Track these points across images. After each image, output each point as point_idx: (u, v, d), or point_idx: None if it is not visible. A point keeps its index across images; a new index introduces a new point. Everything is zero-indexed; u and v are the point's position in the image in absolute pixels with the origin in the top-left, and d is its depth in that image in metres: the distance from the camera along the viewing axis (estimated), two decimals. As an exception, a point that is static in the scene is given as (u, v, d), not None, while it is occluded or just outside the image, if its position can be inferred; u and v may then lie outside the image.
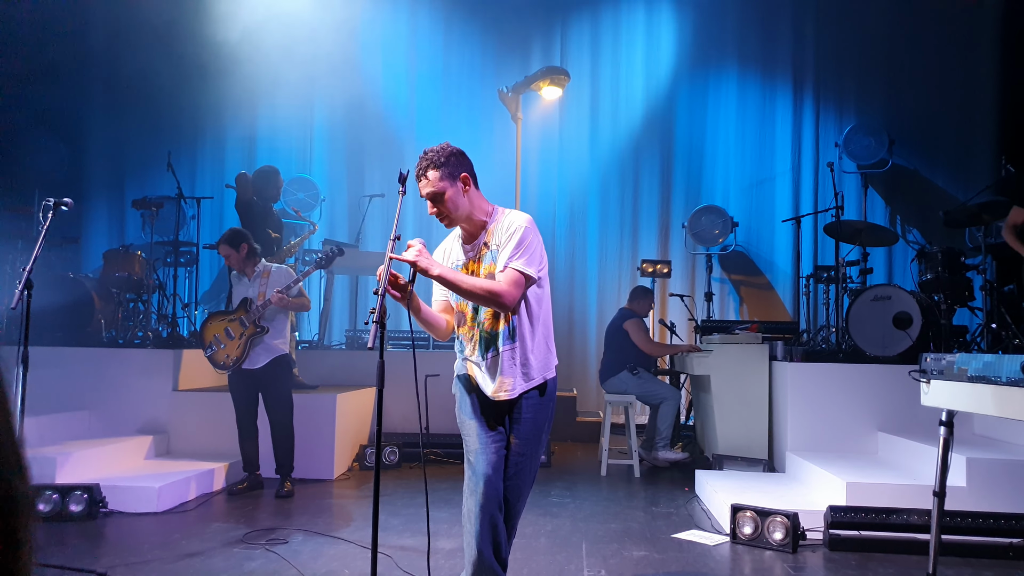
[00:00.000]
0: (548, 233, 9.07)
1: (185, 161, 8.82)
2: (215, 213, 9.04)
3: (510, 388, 2.64)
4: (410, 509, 4.70)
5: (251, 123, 9.16)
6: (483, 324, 2.67)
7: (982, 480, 4.13)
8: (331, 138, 9.28)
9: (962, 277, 5.93)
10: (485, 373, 2.68)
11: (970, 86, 8.22)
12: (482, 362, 2.67)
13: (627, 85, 9.12)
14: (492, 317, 2.67)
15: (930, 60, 8.29)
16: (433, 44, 8.78)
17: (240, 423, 5.14)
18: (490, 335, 2.66)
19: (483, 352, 2.66)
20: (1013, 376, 2.44)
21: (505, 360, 2.63)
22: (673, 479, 5.82)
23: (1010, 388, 2.48)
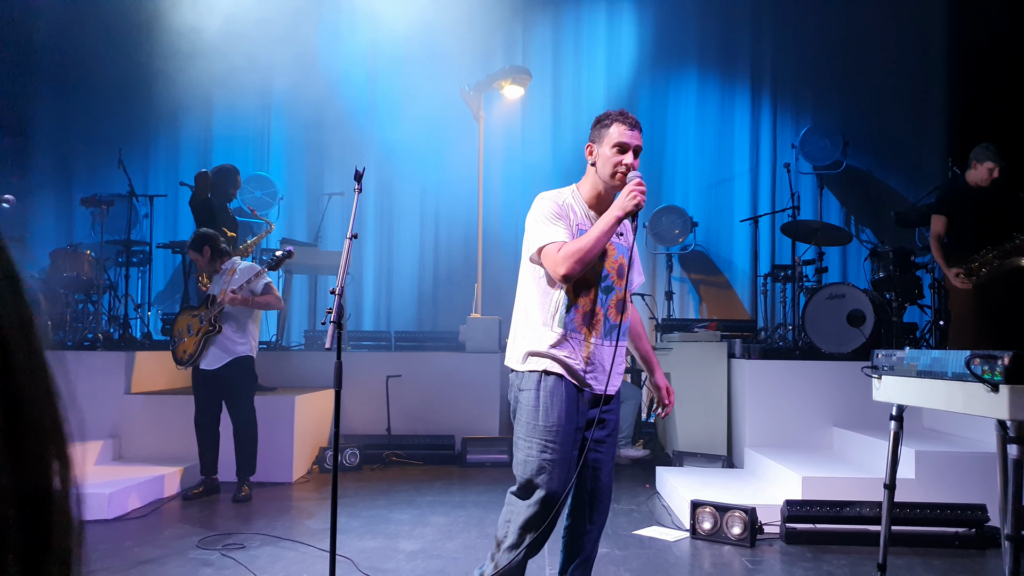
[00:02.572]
0: (511, 231, 9.07)
1: (138, 158, 8.63)
2: (169, 212, 8.88)
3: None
4: (371, 511, 4.66)
5: (207, 119, 9.00)
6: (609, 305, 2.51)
7: (930, 472, 4.24)
8: (289, 135, 9.17)
9: (912, 276, 6.09)
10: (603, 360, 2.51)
11: (921, 91, 8.44)
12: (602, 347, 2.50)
13: (589, 85, 9.17)
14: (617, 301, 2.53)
15: (883, 65, 8.48)
16: (393, 42, 8.72)
17: (199, 425, 5.04)
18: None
19: (606, 336, 2.50)
20: (958, 371, 2.50)
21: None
22: (635, 476, 5.87)
23: (955, 383, 2.55)
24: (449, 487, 5.40)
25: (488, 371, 6.75)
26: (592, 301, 2.46)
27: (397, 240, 9.16)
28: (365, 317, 9.05)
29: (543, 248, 2.42)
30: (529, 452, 2.40)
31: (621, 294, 2.52)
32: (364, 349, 7.46)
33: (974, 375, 2.42)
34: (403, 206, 9.14)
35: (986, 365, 2.38)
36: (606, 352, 2.49)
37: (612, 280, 2.50)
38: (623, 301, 2.53)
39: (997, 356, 2.35)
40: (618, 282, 2.52)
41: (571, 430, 2.43)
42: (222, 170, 6.09)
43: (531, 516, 2.39)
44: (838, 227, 6.84)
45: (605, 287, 2.49)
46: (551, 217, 2.46)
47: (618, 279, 2.52)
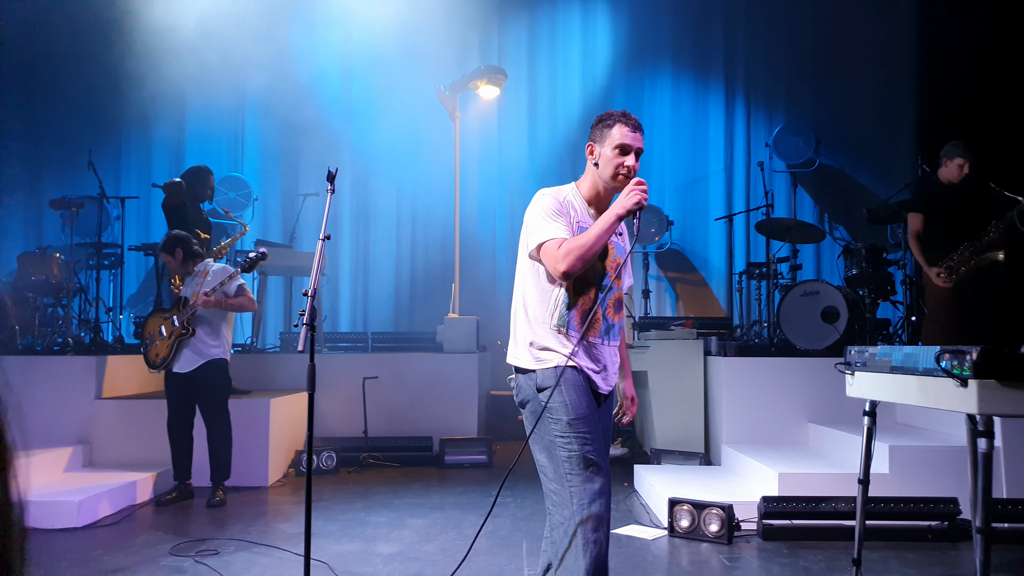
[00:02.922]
0: (488, 232, 9.07)
1: (108, 159, 8.51)
2: (141, 214, 8.76)
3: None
4: (348, 514, 4.62)
5: (179, 120, 8.90)
6: (608, 303, 2.48)
7: (903, 466, 4.28)
8: (264, 136, 9.09)
9: (884, 272, 6.16)
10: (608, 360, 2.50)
11: (891, 90, 8.54)
12: (604, 346, 2.48)
13: (564, 85, 9.19)
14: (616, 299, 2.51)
15: (854, 64, 8.58)
16: (369, 42, 8.67)
17: (172, 429, 4.97)
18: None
19: (604, 335, 2.48)
20: (929, 367, 2.53)
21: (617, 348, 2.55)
22: (613, 475, 5.83)
23: (927, 378, 2.57)
24: (427, 489, 5.38)
25: (466, 371, 6.73)
26: (592, 300, 2.43)
27: (373, 241, 9.11)
28: (341, 318, 8.99)
29: (543, 245, 2.39)
30: (571, 449, 2.32)
31: (619, 293, 2.51)
32: (340, 351, 7.41)
33: (944, 370, 2.45)
34: (379, 206, 9.09)
35: (955, 360, 2.41)
36: (605, 351, 2.47)
37: (611, 279, 2.48)
38: (620, 300, 2.53)
39: (966, 351, 2.38)
40: (616, 282, 2.50)
41: (597, 420, 2.40)
42: (193, 171, 6.01)
43: (593, 514, 2.26)
44: (812, 225, 6.91)
45: (605, 286, 2.47)
46: (551, 214, 2.42)
47: (616, 279, 2.50)
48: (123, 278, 7.59)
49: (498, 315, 8.87)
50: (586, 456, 2.30)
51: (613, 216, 2.33)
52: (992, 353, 2.35)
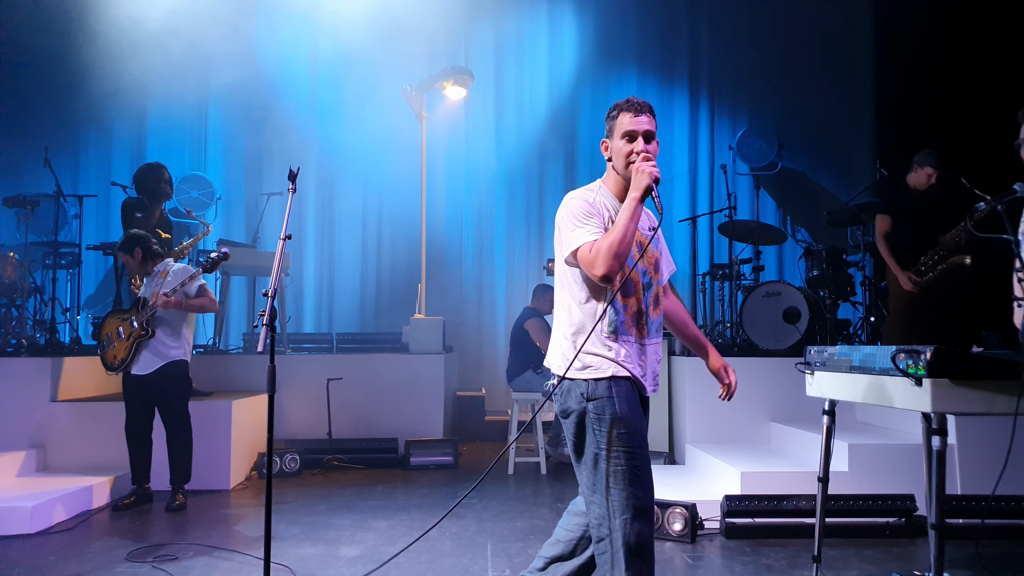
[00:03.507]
0: (455, 233, 9.04)
1: (66, 157, 8.31)
2: (100, 212, 8.58)
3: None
4: (311, 517, 4.57)
5: (140, 117, 8.72)
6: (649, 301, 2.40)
7: (862, 464, 4.36)
8: (228, 134, 8.96)
9: (844, 274, 6.27)
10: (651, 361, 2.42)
11: (850, 95, 8.71)
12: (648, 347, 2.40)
13: (531, 86, 9.22)
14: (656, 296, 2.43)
15: (815, 71, 8.73)
16: (335, 41, 8.59)
17: (130, 432, 4.86)
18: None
19: (650, 335, 2.40)
20: (886, 366, 2.58)
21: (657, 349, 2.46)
22: (578, 475, 5.89)
23: (884, 377, 2.62)
24: (392, 491, 5.34)
25: (432, 372, 6.70)
26: (639, 300, 2.37)
27: (338, 241, 9.03)
28: (306, 319, 8.90)
29: (577, 251, 2.30)
30: (619, 462, 2.24)
31: (658, 288, 2.46)
32: (305, 352, 7.33)
33: (899, 370, 2.49)
34: (344, 206, 9.02)
35: (910, 360, 2.46)
36: (651, 351, 2.41)
37: (650, 275, 2.42)
38: (659, 296, 2.46)
39: (920, 351, 2.43)
40: (655, 276, 2.44)
41: (645, 432, 2.35)
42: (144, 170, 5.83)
43: (638, 531, 2.20)
44: (774, 227, 7.01)
45: (646, 283, 2.40)
46: (582, 216, 2.32)
47: (655, 273, 2.44)
48: (81, 278, 7.41)
49: (465, 316, 8.87)
50: (633, 470, 2.24)
51: (633, 201, 2.25)
52: (945, 353, 2.40)
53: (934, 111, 6.96)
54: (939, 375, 2.40)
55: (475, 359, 8.83)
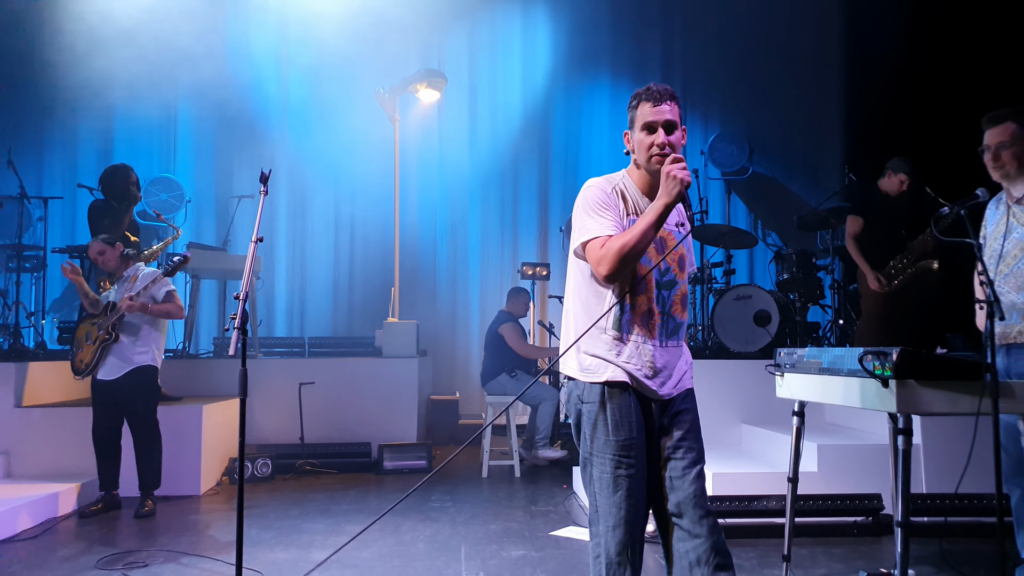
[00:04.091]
0: (429, 236, 9.03)
1: (30, 157, 8.14)
2: (66, 215, 8.42)
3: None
4: (284, 522, 4.53)
5: (107, 118, 8.57)
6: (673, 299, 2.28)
7: (831, 464, 4.43)
8: (197, 136, 8.85)
9: (814, 277, 6.37)
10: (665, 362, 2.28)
11: (819, 101, 8.85)
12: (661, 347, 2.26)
13: (504, 91, 9.24)
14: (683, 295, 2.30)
15: (785, 76, 8.86)
16: (306, 43, 8.54)
17: (98, 438, 4.79)
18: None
19: (667, 336, 2.27)
20: (854, 368, 2.63)
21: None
22: (553, 477, 5.91)
23: (852, 379, 2.67)
24: (365, 495, 5.31)
25: (405, 376, 6.67)
26: (650, 299, 2.22)
27: (311, 244, 8.97)
28: (277, 323, 8.81)
29: (588, 243, 2.18)
30: (603, 469, 2.18)
31: (683, 288, 2.31)
32: (276, 356, 7.27)
33: (866, 371, 2.54)
34: (316, 209, 8.96)
35: (877, 361, 2.51)
36: (667, 353, 2.26)
37: (675, 274, 2.28)
38: (685, 296, 2.32)
39: (887, 352, 2.48)
40: (680, 275, 2.30)
41: (643, 442, 2.22)
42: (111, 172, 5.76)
43: (618, 541, 2.15)
44: (745, 231, 7.10)
45: (667, 282, 2.26)
46: (597, 208, 2.19)
47: (680, 272, 2.30)
48: (46, 282, 7.27)
49: (439, 319, 8.85)
50: (616, 479, 2.17)
51: (660, 207, 2.10)
52: (911, 354, 2.45)
53: (901, 118, 7.11)
54: (905, 376, 2.45)
55: (449, 363, 8.81)
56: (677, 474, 2.21)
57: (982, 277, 2.63)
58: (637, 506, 2.17)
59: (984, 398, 2.44)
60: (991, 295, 2.57)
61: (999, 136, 3.03)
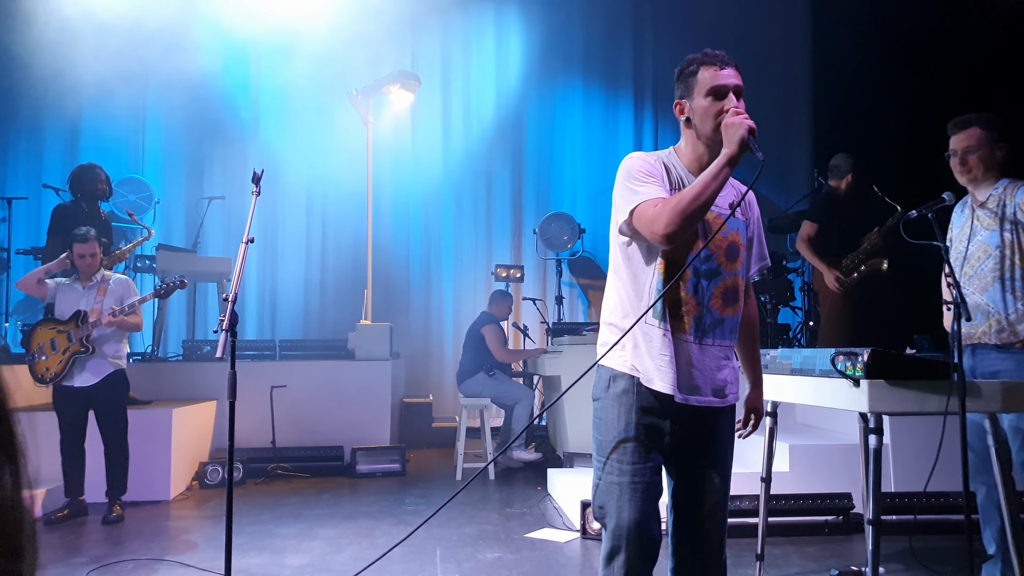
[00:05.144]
0: (403, 238, 8.99)
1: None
2: (31, 215, 8.24)
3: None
4: (255, 527, 4.47)
5: (75, 117, 8.41)
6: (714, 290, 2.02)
7: (803, 464, 4.49)
8: (167, 136, 8.72)
9: (784, 279, 6.46)
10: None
11: (789, 106, 8.99)
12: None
13: (478, 93, 9.24)
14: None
15: (756, 83, 8.90)
16: (278, 44, 8.45)
17: (65, 444, 4.69)
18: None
19: (704, 333, 2.01)
20: (825, 368, 2.67)
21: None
22: (527, 479, 5.91)
23: (823, 379, 2.71)
24: (338, 499, 5.27)
25: (378, 378, 6.63)
26: (680, 287, 1.97)
27: (282, 246, 8.88)
28: (248, 326, 8.71)
29: (635, 209, 1.92)
30: (599, 473, 2.01)
31: (731, 281, 2.02)
32: (247, 359, 7.16)
33: (838, 371, 2.58)
34: (288, 210, 8.88)
35: (848, 362, 2.55)
36: (709, 353, 2.00)
37: (719, 263, 2.00)
38: (735, 290, 2.03)
39: (858, 353, 2.52)
40: (728, 265, 2.02)
41: (648, 446, 1.98)
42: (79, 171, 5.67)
43: (607, 552, 1.98)
44: (717, 233, 7.16)
45: (708, 270, 1.99)
46: (641, 176, 1.96)
47: (728, 261, 2.02)
48: (9, 284, 7.11)
49: (412, 322, 8.82)
50: (608, 486, 1.99)
51: (724, 158, 1.87)
52: (881, 355, 2.50)
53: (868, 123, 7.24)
54: (875, 376, 2.50)
55: (422, 365, 8.78)
56: (695, 493, 2.06)
57: (949, 279, 2.69)
58: (629, 520, 1.95)
59: (952, 397, 2.49)
60: (958, 296, 2.62)
61: (965, 141, 3.10)
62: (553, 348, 6.58)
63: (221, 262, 7.31)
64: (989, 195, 3.08)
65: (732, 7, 8.86)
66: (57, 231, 5.52)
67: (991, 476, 2.85)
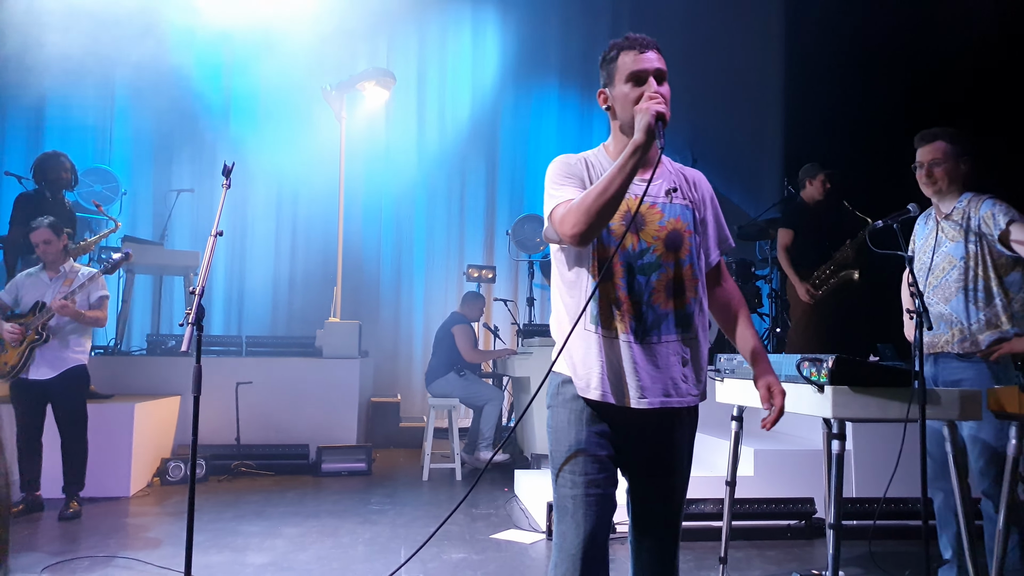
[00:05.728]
0: (374, 236, 8.94)
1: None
2: (-9, 203, 8.04)
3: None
4: (217, 524, 4.41)
5: (38, 104, 8.22)
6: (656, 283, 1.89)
7: (767, 469, 4.54)
8: (135, 126, 8.58)
9: (753, 286, 6.54)
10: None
11: (760, 118, 9.12)
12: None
13: (453, 93, 9.23)
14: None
15: (728, 93, 9.09)
16: (252, 36, 8.34)
17: (21, 439, 4.58)
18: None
19: (646, 332, 1.88)
20: (791, 374, 2.70)
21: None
22: (494, 480, 5.90)
23: (789, 384, 2.73)
24: (303, 497, 5.21)
25: (346, 377, 6.58)
26: (616, 286, 1.86)
27: (251, 241, 8.78)
28: (214, 321, 8.60)
29: (551, 213, 1.87)
30: (553, 487, 1.91)
31: (673, 272, 1.89)
32: (212, 355, 7.06)
33: (803, 377, 2.62)
34: (257, 205, 8.78)
35: (813, 368, 2.58)
36: (656, 352, 1.87)
37: (658, 254, 1.87)
38: (679, 281, 1.89)
39: (823, 359, 2.56)
40: (670, 256, 1.89)
41: (600, 455, 1.87)
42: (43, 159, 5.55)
43: (555, 564, 1.87)
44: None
45: (644, 264, 1.87)
46: (558, 178, 1.91)
47: (668, 251, 1.89)
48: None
49: (381, 320, 8.77)
50: (561, 501, 1.87)
51: (629, 149, 1.76)
52: (845, 362, 2.54)
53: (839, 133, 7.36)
54: (839, 382, 2.53)
55: (391, 364, 8.73)
56: (645, 503, 1.97)
57: (912, 288, 2.74)
58: (580, 534, 1.83)
59: (912, 405, 2.53)
60: (920, 306, 2.67)
61: (931, 154, 3.16)
62: (523, 349, 6.58)
63: (188, 255, 7.19)
64: (954, 207, 3.14)
65: (707, 15, 8.94)
66: (19, 220, 5.40)
67: (948, 483, 2.91)
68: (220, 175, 2.82)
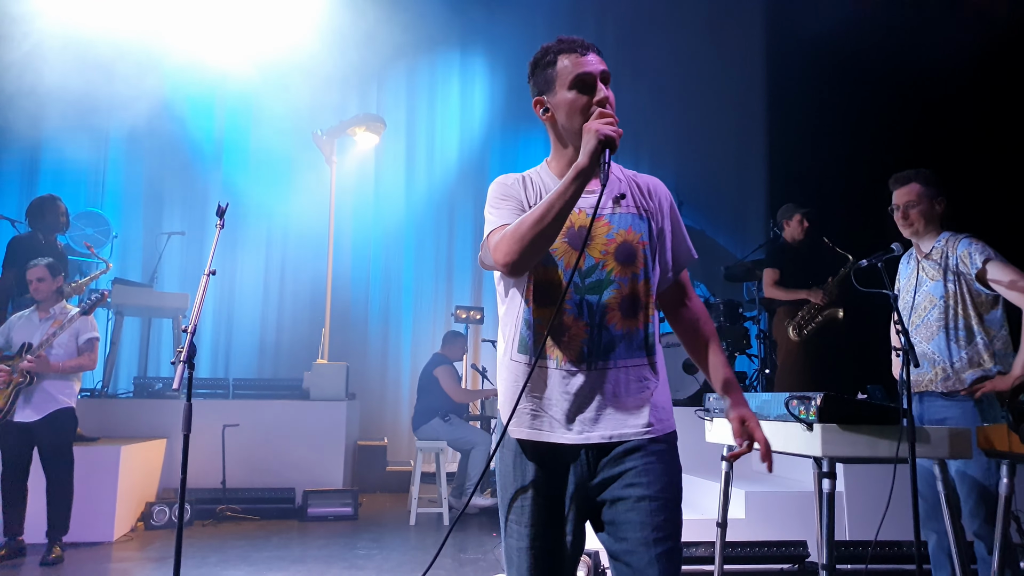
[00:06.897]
0: (362, 278, 8.95)
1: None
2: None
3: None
4: (202, 569, 4.32)
5: (33, 148, 8.26)
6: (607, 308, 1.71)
7: (758, 511, 4.51)
8: (128, 170, 8.63)
9: (741, 327, 6.57)
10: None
11: (745, 156, 9.27)
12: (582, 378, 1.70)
13: (442, 137, 9.36)
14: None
15: (713, 135, 9.24)
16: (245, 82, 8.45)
17: (6, 482, 4.52)
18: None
19: (596, 357, 1.70)
20: (781, 413, 2.71)
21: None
22: (482, 525, 5.83)
23: (778, 423, 2.75)
24: (288, 542, 5.13)
25: (333, 419, 6.52)
26: (562, 310, 1.67)
27: (240, 283, 8.77)
28: (202, 363, 8.53)
29: (486, 239, 1.73)
30: (502, 536, 1.74)
31: (628, 288, 1.70)
32: (200, 397, 6.99)
33: (792, 415, 2.63)
34: (247, 248, 8.79)
35: (802, 406, 2.60)
36: (610, 379, 1.68)
37: (608, 270, 1.70)
38: (634, 298, 1.71)
39: (811, 397, 2.58)
40: (622, 270, 1.70)
41: (549, 502, 1.68)
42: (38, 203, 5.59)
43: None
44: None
45: (593, 283, 1.69)
46: (494, 201, 1.76)
47: (622, 266, 1.71)
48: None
49: (368, 361, 8.72)
50: (507, 550, 1.71)
51: (572, 173, 1.58)
52: (834, 399, 2.56)
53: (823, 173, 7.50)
54: (828, 420, 2.55)
55: (378, 407, 8.67)
56: (624, 549, 1.67)
57: (898, 326, 2.78)
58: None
59: (902, 442, 2.55)
60: (906, 343, 2.71)
61: (906, 196, 3.24)
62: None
63: (178, 298, 7.18)
64: (932, 247, 3.21)
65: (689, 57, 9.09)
66: (12, 263, 5.42)
67: (941, 523, 2.91)
68: (212, 217, 2.84)
